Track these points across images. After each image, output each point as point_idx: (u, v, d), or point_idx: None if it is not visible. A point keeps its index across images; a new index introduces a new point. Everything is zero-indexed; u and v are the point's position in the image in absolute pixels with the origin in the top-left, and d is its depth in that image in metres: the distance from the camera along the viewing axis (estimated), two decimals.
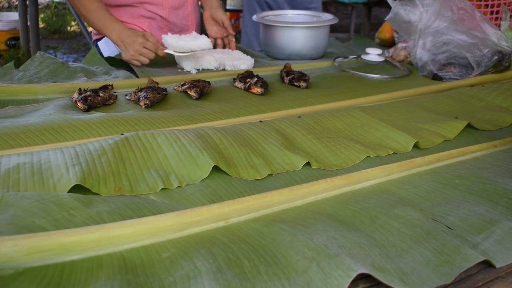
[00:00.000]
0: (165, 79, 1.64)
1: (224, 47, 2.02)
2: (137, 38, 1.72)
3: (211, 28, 2.01)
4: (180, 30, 2.06)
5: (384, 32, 2.27)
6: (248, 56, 1.90)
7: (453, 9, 1.77)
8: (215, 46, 2.01)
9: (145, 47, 1.72)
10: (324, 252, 0.79)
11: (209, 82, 1.57)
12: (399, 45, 2.01)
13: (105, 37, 2.00)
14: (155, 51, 1.74)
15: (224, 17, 1.98)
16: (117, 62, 1.85)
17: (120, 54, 1.87)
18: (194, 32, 1.81)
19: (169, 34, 1.79)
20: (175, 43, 1.75)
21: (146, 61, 1.75)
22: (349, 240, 0.84)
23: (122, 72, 1.73)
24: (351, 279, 0.74)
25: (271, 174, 1.11)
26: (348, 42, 2.43)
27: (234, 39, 2.00)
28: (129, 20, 1.98)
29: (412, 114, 1.43)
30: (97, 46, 2.03)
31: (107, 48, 2.02)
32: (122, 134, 1.18)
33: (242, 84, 1.61)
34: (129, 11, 1.97)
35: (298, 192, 0.99)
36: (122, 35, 1.74)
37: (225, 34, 2.00)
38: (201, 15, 2.12)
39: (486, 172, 1.12)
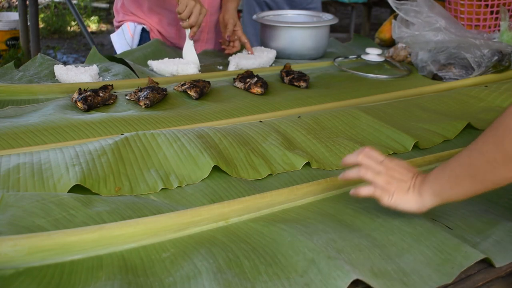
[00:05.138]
0: (165, 79, 1.64)
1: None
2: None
3: (224, 30, 2.00)
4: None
5: (384, 32, 2.27)
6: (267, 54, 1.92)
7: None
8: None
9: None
10: (324, 253, 0.79)
11: (209, 82, 1.57)
12: (399, 45, 2.01)
13: (118, 31, 2.01)
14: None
15: (230, 20, 1.96)
16: (117, 61, 1.85)
17: (123, 53, 1.88)
18: (180, 59, 1.81)
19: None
20: (156, 66, 1.75)
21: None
22: (348, 243, 0.84)
23: (122, 68, 1.72)
24: (350, 281, 0.74)
25: (271, 174, 1.11)
26: (348, 42, 2.43)
27: (237, 40, 1.99)
28: (137, 12, 1.97)
29: (412, 114, 1.43)
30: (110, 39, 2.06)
31: (118, 40, 2.04)
32: (122, 134, 1.18)
33: (242, 84, 1.61)
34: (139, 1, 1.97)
35: (298, 192, 0.99)
36: None
37: (235, 37, 1.98)
38: None
39: None
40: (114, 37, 2.06)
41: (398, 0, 1.85)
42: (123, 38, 2.01)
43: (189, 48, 1.83)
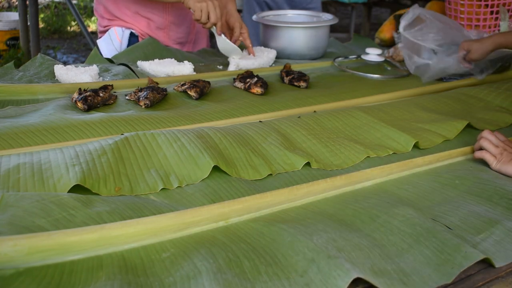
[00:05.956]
0: (165, 79, 1.64)
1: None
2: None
3: (229, 33, 1.96)
4: (184, 33, 2.04)
5: (384, 32, 2.28)
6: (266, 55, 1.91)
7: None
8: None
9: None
10: (324, 253, 0.79)
11: (209, 82, 1.57)
12: (399, 45, 2.01)
13: (105, 36, 1.98)
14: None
15: (236, 24, 1.94)
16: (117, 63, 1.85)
17: (117, 55, 1.87)
18: (173, 60, 1.78)
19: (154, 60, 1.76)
20: (148, 67, 1.72)
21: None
22: (349, 242, 0.84)
23: (122, 68, 1.72)
24: (350, 280, 0.74)
25: (271, 174, 1.11)
26: (348, 42, 2.43)
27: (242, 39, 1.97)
28: (123, 16, 1.95)
29: (412, 114, 1.43)
30: (97, 44, 2.02)
31: (105, 46, 2.01)
32: (122, 134, 1.18)
33: (242, 84, 1.61)
34: (125, 4, 1.93)
35: (298, 192, 0.99)
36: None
37: (240, 38, 1.96)
38: None
39: (486, 173, 1.12)
40: (101, 43, 1.99)
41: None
42: (111, 44, 1.96)
43: (223, 42, 1.84)
